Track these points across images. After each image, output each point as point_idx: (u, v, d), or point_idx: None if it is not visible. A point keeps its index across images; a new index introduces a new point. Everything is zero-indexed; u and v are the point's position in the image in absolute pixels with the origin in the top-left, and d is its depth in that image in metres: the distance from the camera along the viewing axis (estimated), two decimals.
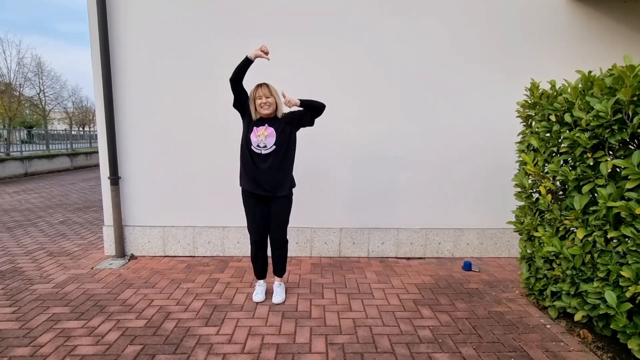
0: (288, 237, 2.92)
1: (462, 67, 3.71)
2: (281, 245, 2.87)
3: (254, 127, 2.68)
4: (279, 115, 2.72)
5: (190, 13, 3.60)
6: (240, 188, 2.82)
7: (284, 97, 2.67)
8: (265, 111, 2.65)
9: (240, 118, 2.79)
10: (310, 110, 2.74)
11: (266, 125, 2.68)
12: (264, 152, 2.66)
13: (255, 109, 2.69)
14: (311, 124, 2.81)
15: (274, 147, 2.66)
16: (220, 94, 3.70)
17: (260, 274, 2.97)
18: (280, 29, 3.63)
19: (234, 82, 2.69)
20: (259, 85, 2.68)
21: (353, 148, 3.80)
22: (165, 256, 3.93)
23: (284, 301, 2.90)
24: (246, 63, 2.66)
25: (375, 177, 3.86)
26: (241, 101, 2.73)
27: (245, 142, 2.70)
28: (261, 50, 2.64)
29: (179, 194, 3.85)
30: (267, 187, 2.70)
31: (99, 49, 3.55)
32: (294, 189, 2.86)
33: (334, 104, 3.70)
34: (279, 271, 2.97)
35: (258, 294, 2.91)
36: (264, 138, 2.65)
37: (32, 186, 9.37)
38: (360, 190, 3.87)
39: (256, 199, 2.76)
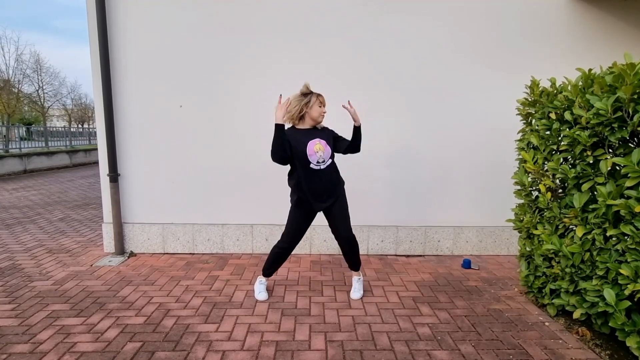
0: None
1: (461, 65, 3.70)
2: (355, 243, 2.84)
3: (307, 143, 2.58)
4: (319, 127, 2.72)
5: (192, 9, 3.59)
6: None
7: (350, 106, 2.65)
8: (322, 120, 2.68)
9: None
10: (351, 143, 2.73)
11: (317, 139, 2.63)
12: (322, 167, 2.63)
13: (310, 115, 2.60)
14: (342, 152, 2.79)
15: (330, 160, 2.68)
16: (221, 92, 3.71)
17: (272, 273, 2.98)
18: (284, 28, 3.62)
19: (282, 160, 2.53)
20: (320, 95, 2.64)
21: None
22: (164, 253, 3.93)
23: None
24: (281, 130, 2.46)
25: (374, 175, 3.85)
26: (287, 152, 2.55)
27: (301, 160, 2.58)
28: (279, 103, 2.48)
29: (178, 191, 3.85)
30: (329, 199, 2.72)
31: (97, 45, 3.53)
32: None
33: (333, 103, 3.70)
34: (357, 266, 2.97)
35: (262, 292, 2.91)
36: (322, 153, 2.63)
37: (31, 183, 9.36)
38: (358, 187, 3.86)
39: (311, 212, 2.77)
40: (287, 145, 2.53)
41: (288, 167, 2.76)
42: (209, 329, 2.44)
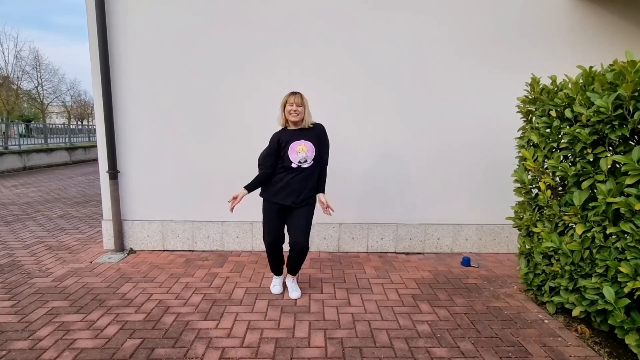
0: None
1: (462, 64, 3.69)
2: (306, 253, 2.83)
3: (290, 145, 2.67)
4: (306, 126, 2.72)
5: (193, 8, 3.57)
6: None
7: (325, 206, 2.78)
8: (293, 118, 2.67)
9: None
10: (317, 176, 2.81)
11: (302, 140, 2.69)
12: (304, 165, 2.69)
13: (285, 116, 2.71)
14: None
15: (313, 162, 2.70)
16: (221, 90, 3.70)
17: (278, 270, 2.99)
18: (284, 27, 3.61)
19: (270, 176, 2.78)
20: (293, 93, 2.68)
21: (352, 144, 3.78)
22: (164, 250, 3.93)
23: (300, 297, 2.90)
24: (249, 189, 2.77)
25: (374, 173, 3.85)
26: (279, 154, 2.75)
27: (283, 164, 2.71)
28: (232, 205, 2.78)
29: (178, 188, 3.84)
30: (296, 199, 2.72)
31: (97, 42, 3.52)
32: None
33: (332, 101, 3.70)
34: (296, 271, 2.96)
35: (276, 286, 2.97)
36: (305, 153, 2.68)
37: (30, 180, 9.35)
38: (359, 185, 3.86)
39: (278, 209, 2.77)
40: (275, 160, 2.76)
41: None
42: (209, 325, 2.45)
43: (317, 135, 2.75)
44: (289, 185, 2.70)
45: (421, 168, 3.85)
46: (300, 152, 2.67)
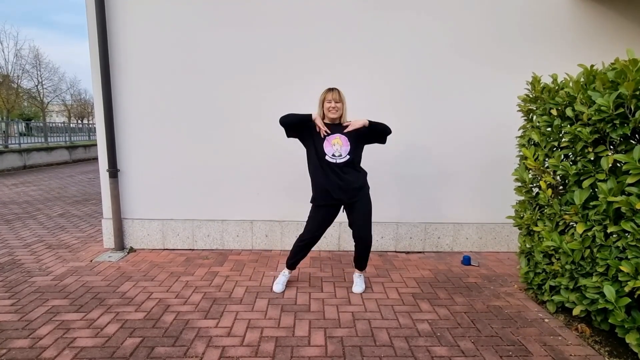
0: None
1: (461, 62, 3.68)
2: (370, 245, 2.87)
3: (327, 135, 2.67)
4: (344, 122, 2.73)
5: (193, 7, 3.56)
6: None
7: (350, 126, 2.66)
8: (333, 115, 2.68)
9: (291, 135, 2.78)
10: (376, 133, 2.75)
11: (338, 134, 2.68)
12: (338, 161, 2.67)
13: (323, 112, 2.71)
14: (382, 142, 2.84)
15: (348, 157, 2.68)
16: (222, 88, 3.70)
17: (294, 265, 3.01)
18: (284, 28, 3.60)
19: (286, 127, 2.70)
20: (330, 90, 2.70)
21: None
22: (164, 249, 3.92)
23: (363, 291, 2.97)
24: (307, 121, 2.65)
25: (374, 172, 3.82)
26: (297, 131, 2.74)
27: (317, 153, 2.69)
28: (323, 129, 2.64)
29: (178, 187, 3.84)
30: (344, 195, 2.71)
31: (97, 41, 3.51)
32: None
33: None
34: (364, 267, 3.01)
35: (278, 284, 2.97)
36: (339, 147, 2.67)
37: (30, 179, 9.35)
38: None
39: (333, 209, 2.79)
40: (301, 129, 2.71)
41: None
42: (209, 324, 2.44)
43: (357, 133, 2.71)
44: (332, 188, 2.68)
45: (421, 167, 3.84)
46: (335, 145, 2.67)
